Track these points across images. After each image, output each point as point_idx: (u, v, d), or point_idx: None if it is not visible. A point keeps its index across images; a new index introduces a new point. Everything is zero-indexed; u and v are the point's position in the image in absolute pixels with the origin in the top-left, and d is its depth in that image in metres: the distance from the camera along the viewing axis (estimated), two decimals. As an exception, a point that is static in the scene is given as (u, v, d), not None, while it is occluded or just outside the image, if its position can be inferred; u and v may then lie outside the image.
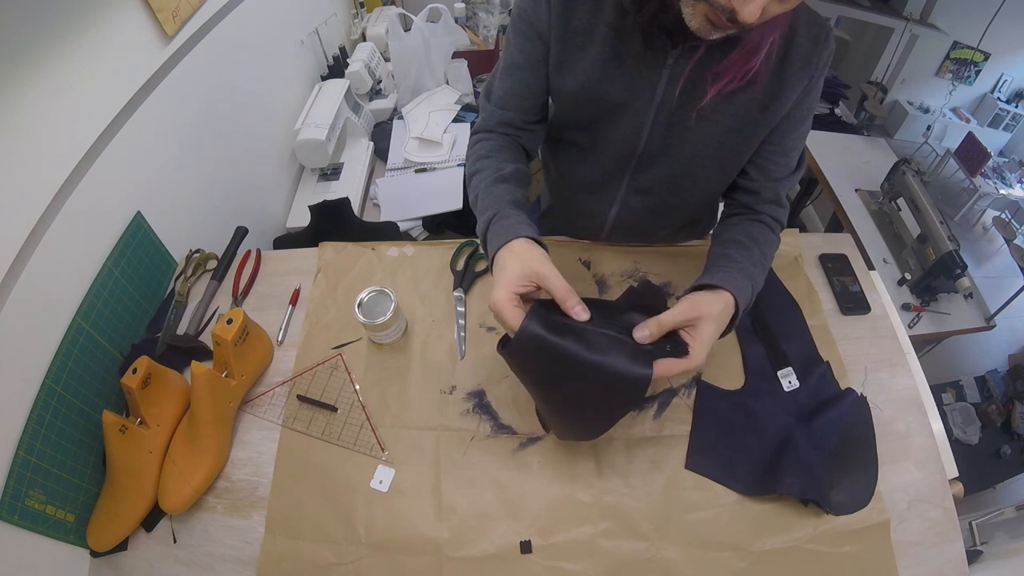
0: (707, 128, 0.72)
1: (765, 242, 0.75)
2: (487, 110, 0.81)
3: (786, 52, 0.67)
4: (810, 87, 0.71)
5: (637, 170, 0.81)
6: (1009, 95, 2.37)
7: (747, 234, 0.75)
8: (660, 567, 0.69)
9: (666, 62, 0.68)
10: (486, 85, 0.83)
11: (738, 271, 0.68)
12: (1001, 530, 1.06)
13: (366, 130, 1.63)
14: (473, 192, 0.75)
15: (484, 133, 0.81)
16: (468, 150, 0.82)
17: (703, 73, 0.67)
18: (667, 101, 0.71)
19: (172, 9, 0.93)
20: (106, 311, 0.82)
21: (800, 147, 0.78)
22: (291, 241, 1.31)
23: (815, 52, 0.68)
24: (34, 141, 0.70)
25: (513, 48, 0.75)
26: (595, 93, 0.72)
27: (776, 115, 0.71)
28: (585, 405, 0.64)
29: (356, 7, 1.94)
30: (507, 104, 0.79)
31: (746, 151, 0.76)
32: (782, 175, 0.78)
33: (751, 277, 0.69)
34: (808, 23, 0.67)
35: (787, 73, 0.68)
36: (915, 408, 0.81)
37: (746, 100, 0.69)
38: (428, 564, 0.70)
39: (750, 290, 0.67)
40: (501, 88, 0.79)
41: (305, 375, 0.85)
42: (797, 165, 0.79)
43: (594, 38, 0.70)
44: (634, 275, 0.93)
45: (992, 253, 1.90)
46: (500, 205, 0.69)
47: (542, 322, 0.58)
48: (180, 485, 0.72)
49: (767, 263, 0.75)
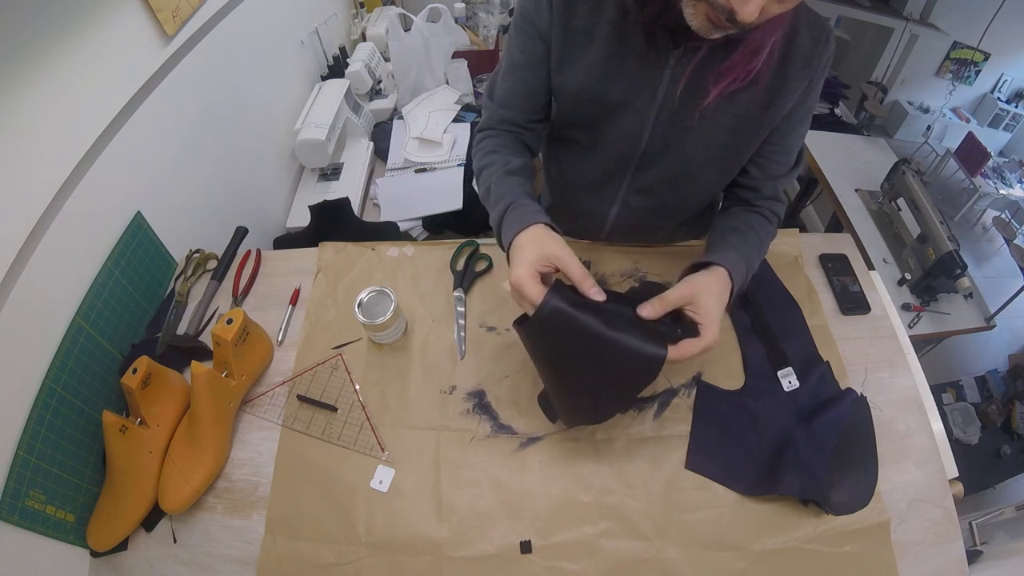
0: (709, 128, 0.72)
1: (762, 230, 0.78)
2: (490, 108, 0.82)
3: (787, 52, 0.67)
4: (811, 88, 0.71)
5: (638, 170, 0.81)
6: (1009, 95, 2.38)
7: (744, 222, 0.78)
8: (660, 567, 0.69)
9: (668, 62, 0.68)
10: (488, 83, 0.83)
11: (733, 250, 0.71)
12: (1001, 530, 1.06)
13: (366, 130, 1.63)
14: (484, 185, 0.76)
15: (488, 131, 0.82)
16: (473, 147, 0.83)
17: (705, 73, 0.67)
18: (668, 101, 0.71)
19: (172, 9, 0.93)
20: (106, 311, 0.82)
21: (799, 145, 0.79)
22: (291, 241, 1.31)
23: (816, 53, 0.68)
24: (34, 141, 0.70)
25: (515, 48, 0.76)
26: (596, 92, 0.73)
27: (777, 115, 0.71)
28: (599, 383, 0.65)
29: (356, 7, 1.94)
30: (509, 103, 0.80)
31: (747, 151, 0.77)
32: (781, 173, 0.79)
33: (746, 257, 0.71)
34: (809, 24, 0.67)
35: (788, 73, 0.68)
36: (915, 408, 0.81)
37: (747, 100, 0.69)
38: (428, 564, 0.70)
39: (745, 269, 0.70)
40: (503, 87, 0.79)
41: (305, 375, 0.85)
42: (796, 162, 0.80)
43: (595, 37, 0.70)
44: (634, 275, 0.93)
45: (992, 253, 1.90)
46: (514, 195, 0.71)
47: (564, 298, 0.61)
48: (180, 485, 0.72)
49: (763, 249, 0.78)
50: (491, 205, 0.73)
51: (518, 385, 0.83)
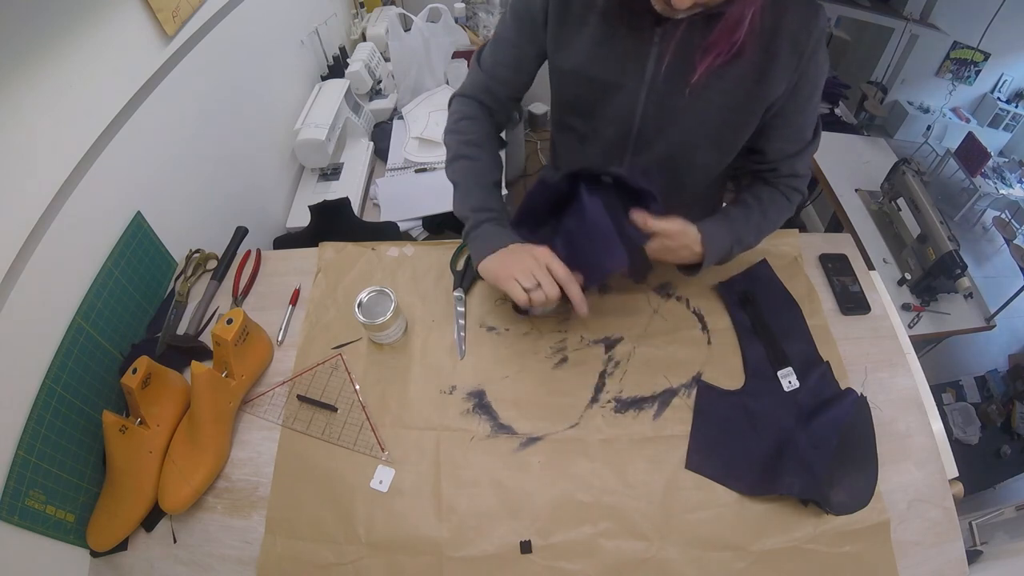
0: (700, 107, 0.73)
1: (771, 205, 0.81)
2: (476, 73, 0.86)
3: (776, 27, 0.67)
4: (807, 66, 0.70)
5: (635, 153, 0.82)
6: (1009, 95, 2.38)
7: (755, 195, 0.82)
8: (660, 567, 0.69)
9: (654, 39, 0.70)
10: (478, 51, 0.87)
11: (725, 225, 0.78)
12: (1001, 530, 1.05)
13: (366, 130, 1.63)
14: (453, 174, 0.84)
15: (466, 98, 0.87)
16: (449, 113, 0.88)
17: (691, 50, 0.68)
18: (657, 79, 0.72)
19: (172, 9, 0.93)
20: (106, 311, 0.82)
21: (813, 121, 0.79)
22: (291, 241, 1.31)
23: (805, 28, 0.67)
24: (34, 141, 0.70)
25: (509, 24, 0.80)
26: (589, 72, 0.75)
27: (769, 92, 0.71)
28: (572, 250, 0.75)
29: (356, 7, 1.94)
30: (496, 76, 0.85)
31: (743, 130, 0.77)
32: (796, 150, 0.79)
33: (736, 232, 0.78)
34: (798, 2, 0.67)
35: (777, 47, 0.68)
36: (915, 408, 0.81)
37: (736, 76, 0.70)
38: (428, 564, 0.70)
39: (729, 243, 0.78)
40: (492, 59, 0.84)
41: (305, 375, 0.85)
42: (813, 136, 0.80)
43: (588, 19, 0.72)
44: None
45: (992, 253, 1.91)
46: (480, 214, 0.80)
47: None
48: (180, 485, 0.72)
49: (766, 226, 0.82)
50: (459, 205, 0.82)
51: (518, 385, 0.83)
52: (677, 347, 0.86)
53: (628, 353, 0.86)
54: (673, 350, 0.86)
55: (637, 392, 0.82)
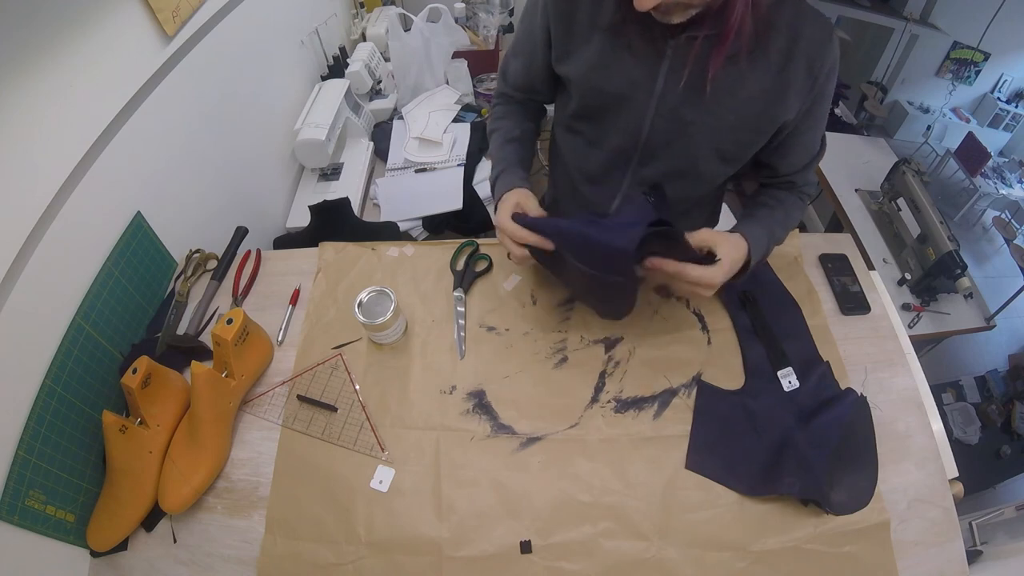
0: (711, 123, 0.73)
1: (791, 204, 0.84)
2: (502, 82, 0.94)
3: (790, 51, 0.67)
4: (820, 93, 0.72)
5: (640, 164, 0.82)
6: (1009, 95, 2.38)
7: (775, 197, 0.84)
8: (660, 567, 0.69)
9: (665, 52, 0.69)
10: (503, 60, 0.92)
11: (759, 225, 0.78)
12: (1001, 530, 1.05)
13: (366, 130, 1.63)
14: (492, 147, 0.92)
15: (501, 97, 0.95)
16: (490, 110, 1.00)
17: (704, 63, 0.67)
18: (668, 94, 0.72)
19: (172, 9, 0.93)
20: (106, 311, 0.82)
21: (821, 133, 0.81)
22: (291, 241, 1.31)
23: (819, 53, 0.68)
24: (34, 141, 0.70)
25: (522, 33, 0.83)
26: (597, 83, 0.75)
27: (782, 114, 0.72)
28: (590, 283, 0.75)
29: (356, 7, 1.94)
30: (516, 84, 0.90)
31: (752, 147, 0.77)
32: (807, 162, 0.82)
33: (769, 228, 0.79)
34: (813, 24, 0.68)
35: (791, 72, 0.68)
36: (915, 408, 0.81)
37: (749, 96, 0.70)
38: (428, 564, 0.70)
39: (767, 241, 0.78)
40: (510, 68, 0.90)
41: (305, 375, 0.85)
42: (821, 145, 0.82)
43: (593, 36, 0.72)
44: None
45: (992, 253, 1.91)
46: (507, 162, 0.86)
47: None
48: (180, 485, 0.72)
49: (790, 223, 0.85)
50: (492, 166, 0.88)
51: (518, 385, 0.83)
52: (677, 347, 0.86)
53: (628, 353, 0.86)
54: (673, 350, 0.86)
55: (637, 392, 0.82)
